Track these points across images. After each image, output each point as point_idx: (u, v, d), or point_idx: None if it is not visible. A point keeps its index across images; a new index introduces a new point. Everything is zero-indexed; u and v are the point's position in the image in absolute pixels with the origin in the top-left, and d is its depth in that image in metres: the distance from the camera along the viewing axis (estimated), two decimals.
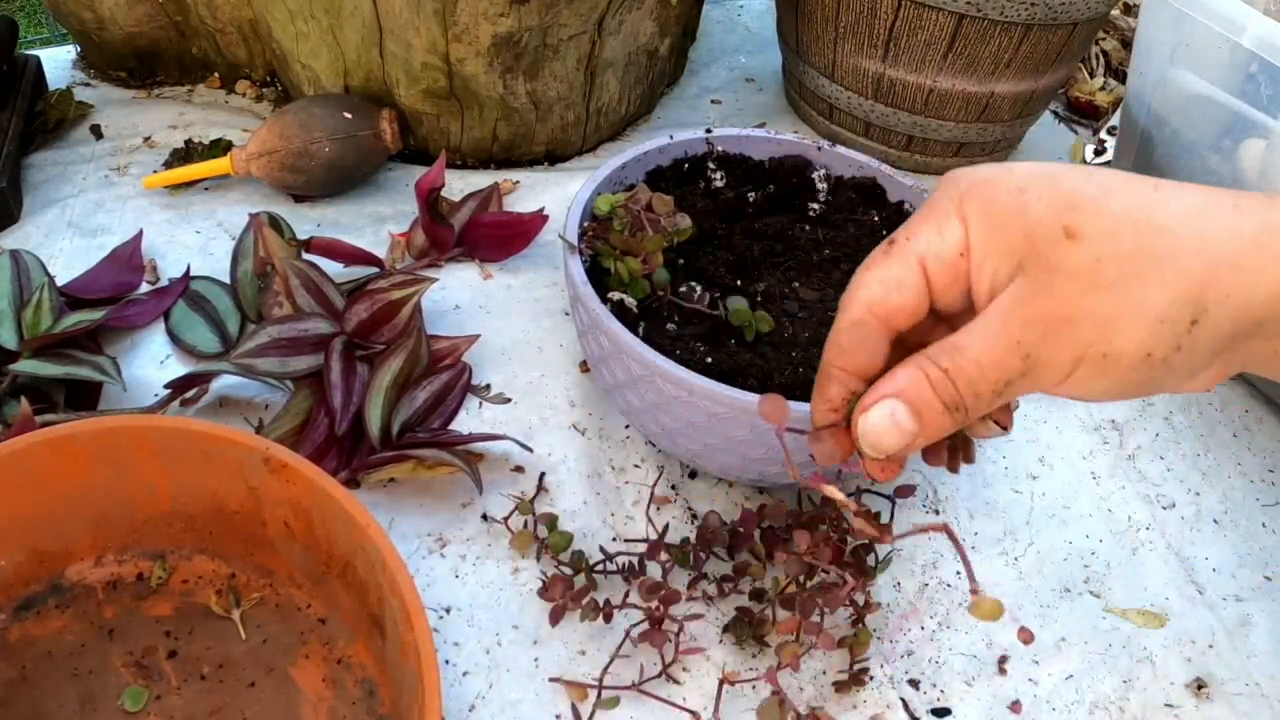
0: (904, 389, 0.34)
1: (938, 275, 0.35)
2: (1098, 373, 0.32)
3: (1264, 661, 0.58)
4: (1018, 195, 0.33)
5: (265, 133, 0.75)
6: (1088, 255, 0.31)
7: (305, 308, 0.64)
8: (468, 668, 0.52)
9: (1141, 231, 0.31)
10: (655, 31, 0.83)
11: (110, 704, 0.48)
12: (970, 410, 0.33)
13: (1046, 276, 0.32)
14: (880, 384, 0.34)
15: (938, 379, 0.33)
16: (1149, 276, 0.31)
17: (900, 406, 0.34)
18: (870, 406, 0.34)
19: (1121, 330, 0.31)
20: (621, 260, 0.58)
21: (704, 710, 0.51)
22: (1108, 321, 0.31)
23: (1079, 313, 0.31)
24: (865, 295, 0.35)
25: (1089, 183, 0.32)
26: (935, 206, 0.34)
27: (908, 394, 0.33)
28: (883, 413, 0.34)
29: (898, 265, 0.35)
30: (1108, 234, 0.31)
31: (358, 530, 0.46)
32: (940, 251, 0.34)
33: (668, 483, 0.62)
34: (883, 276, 0.35)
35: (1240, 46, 0.62)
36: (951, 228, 0.34)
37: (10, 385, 0.58)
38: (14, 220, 0.73)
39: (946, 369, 0.33)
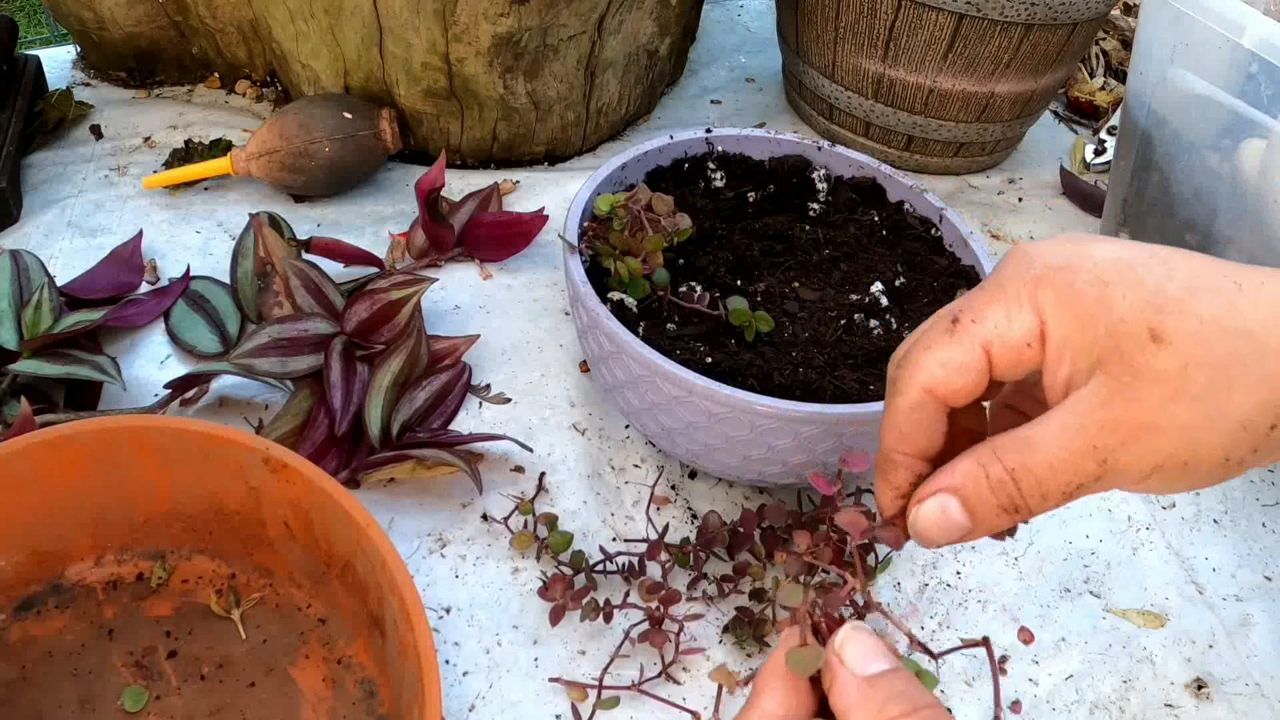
0: (960, 486, 0.32)
1: (1001, 358, 0.33)
2: (1175, 478, 0.32)
3: (1264, 661, 0.58)
4: (1100, 288, 0.31)
5: (265, 133, 0.75)
6: (1175, 361, 0.30)
7: (305, 308, 0.64)
8: (468, 668, 0.52)
9: (1228, 337, 0.31)
10: (655, 31, 0.83)
11: (110, 704, 0.48)
12: (1032, 511, 0.32)
13: (1130, 380, 0.31)
14: (938, 476, 0.33)
15: (997, 479, 0.32)
16: (1235, 385, 0.30)
17: (953, 503, 0.32)
18: (924, 499, 0.33)
19: (1204, 439, 0.31)
20: (621, 260, 0.58)
21: (704, 710, 0.51)
22: (1191, 430, 0.31)
23: (1163, 421, 0.31)
24: (925, 378, 0.34)
25: (1172, 280, 0.31)
26: (1005, 288, 0.33)
27: (963, 491, 0.32)
28: (934, 507, 0.33)
29: (961, 349, 0.33)
30: (1195, 339, 0.30)
31: (358, 530, 0.46)
32: (1007, 338, 0.33)
33: (668, 483, 0.62)
34: (944, 359, 0.33)
35: (1240, 46, 0.62)
36: (1023, 315, 0.32)
37: (10, 385, 0.58)
38: (14, 220, 0.73)
39: (1012, 469, 0.31)
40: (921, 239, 0.66)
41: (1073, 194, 0.92)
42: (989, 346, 0.33)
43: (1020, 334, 0.32)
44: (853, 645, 0.30)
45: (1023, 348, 0.32)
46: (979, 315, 0.33)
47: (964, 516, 0.32)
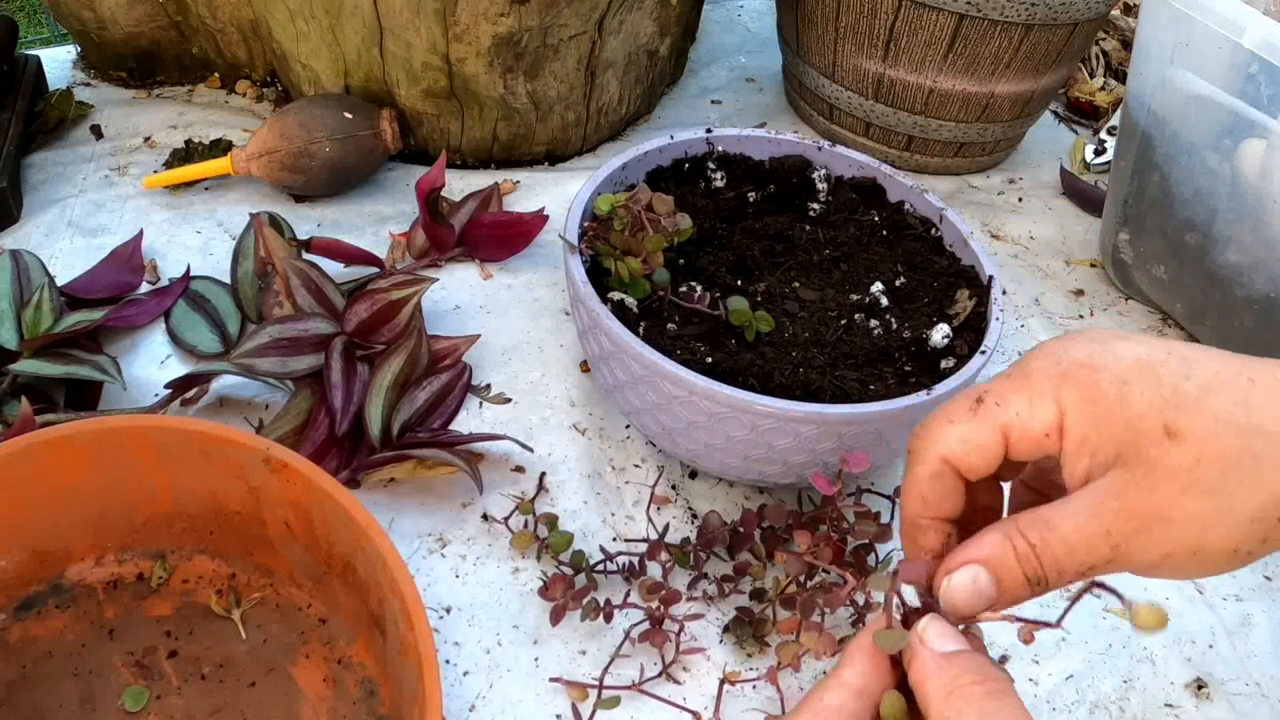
0: (989, 557, 0.34)
1: (1018, 443, 0.35)
2: (1185, 565, 0.33)
3: (1264, 661, 0.58)
4: (1120, 388, 0.33)
5: (265, 133, 0.75)
6: (1188, 456, 0.32)
7: (305, 308, 0.64)
8: (468, 667, 0.52)
9: (1241, 433, 0.32)
10: (655, 31, 0.83)
11: (110, 704, 0.48)
12: (1050, 585, 0.34)
13: (1145, 473, 0.32)
14: (967, 546, 0.35)
15: (1024, 552, 0.33)
16: (1246, 480, 0.32)
17: (983, 573, 0.34)
18: (955, 570, 0.35)
19: (1214, 531, 0.32)
20: (622, 260, 0.58)
21: (704, 710, 0.51)
22: (1202, 522, 0.32)
23: (1175, 512, 0.32)
24: (944, 450, 0.36)
25: (1190, 379, 0.33)
26: (1029, 379, 0.35)
27: (992, 562, 0.34)
28: (965, 577, 0.34)
29: (982, 429, 0.35)
30: (1209, 435, 0.32)
31: (358, 530, 0.46)
32: (1027, 425, 0.35)
33: (668, 483, 0.62)
34: (964, 436, 0.36)
35: (1240, 46, 0.62)
36: (1044, 406, 0.34)
37: (10, 385, 0.58)
38: (14, 220, 0.73)
39: (1034, 544, 0.33)
40: (922, 239, 0.66)
41: (1073, 194, 0.92)
42: (1008, 431, 0.35)
43: (1040, 425, 0.35)
44: (934, 628, 0.34)
45: (1040, 437, 0.35)
46: (1003, 399, 0.35)
47: (991, 586, 0.34)
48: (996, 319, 0.59)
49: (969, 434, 0.36)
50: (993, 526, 0.35)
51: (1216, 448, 0.32)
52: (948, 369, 0.58)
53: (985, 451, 0.36)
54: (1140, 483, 0.32)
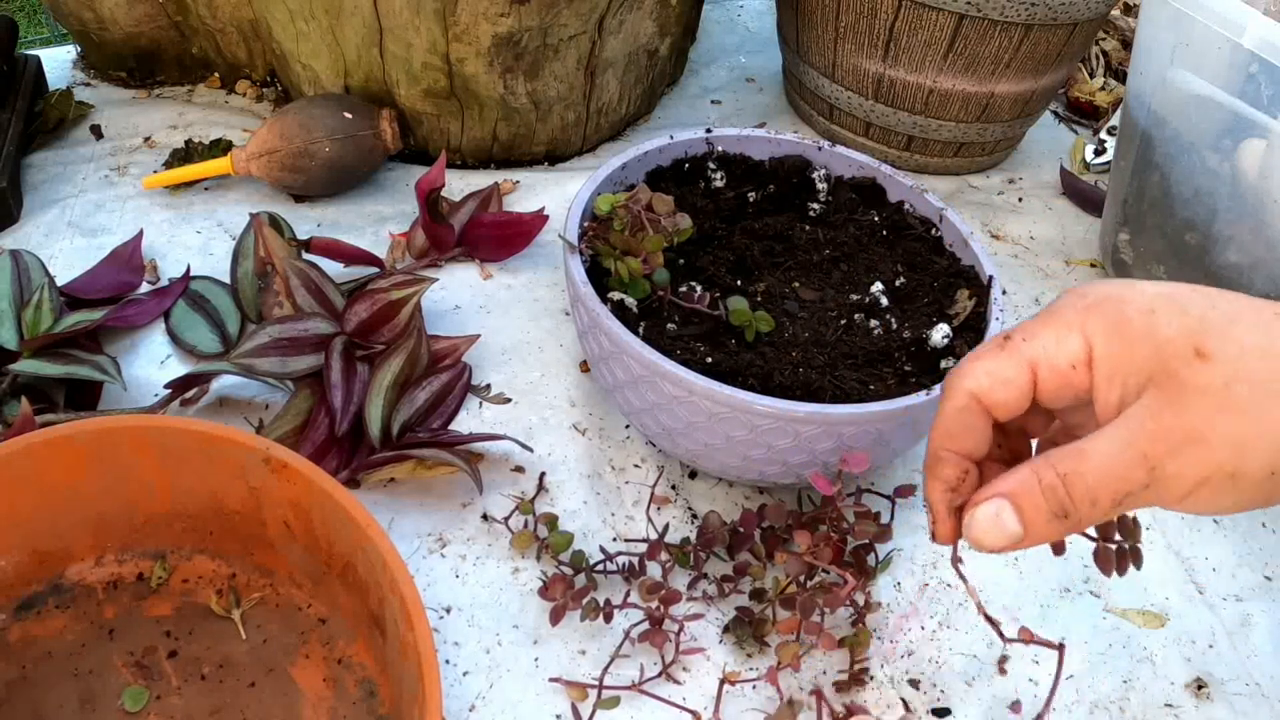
0: (1014, 491, 0.34)
1: (1047, 380, 0.35)
2: (1222, 491, 0.33)
3: (1264, 661, 0.58)
4: (1148, 316, 0.33)
5: (265, 133, 0.75)
6: (1219, 376, 0.32)
7: (305, 308, 0.64)
8: (468, 668, 0.52)
9: (1269, 357, 0.32)
10: (655, 31, 0.83)
11: (110, 704, 0.48)
12: (1082, 519, 0.34)
13: (1178, 393, 0.32)
14: (994, 482, 0.35)
15: (1049, 484, 0.33)
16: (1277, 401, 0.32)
17: (1007, 508, 0.34)
18: (980, 503, 0.35)
19: (1250, 452, 0.32)
20: (622, 260, 0.58)
21: (704, 710, 0.51)
22: (1238, 442, 0.32)
23: (1210, 432, 0.32)
24: (972, 384, 0.36)
25: (1215, 310, 0.33)
26: (1057, 314, 0.35)
27: (1017, 496, 0.34)
28: (988, 512, 0.34)
29: (1009, 363, 0.36)
30: (1238, 357, 0.32)
31: (358, 530, 0.46)
32: (1055, 360, 0.35)
33: (668, 483, 0.62)
34: (991, 370, 0.36)
35: (1240, 46, 0.62)
36: (1071, 339, 0.35)
37: (10, 385, 0.58)
38: (14, 220, 0.73)
39: (1065, 474, 0.33)
40: (922, 239, 0.66)
41: (1073, 194, 0.92)
42: (1036, 365, 0.35)
43: (1068, 356, 0.35)
44: None
45: (1068, 370, 0.35)
46: (1030, 334, 0.36)
47: (1016, 522, 0.34)
48: (996, 319, 0.59)
49: (996, 368, 0.36)
50: (1023, 464, 0.35)
51: (1247, 369, 0.32)
52: (948, 369, 0.58)
53: (1012, 386, 0.36)
54: (1174, 403, 0.32)
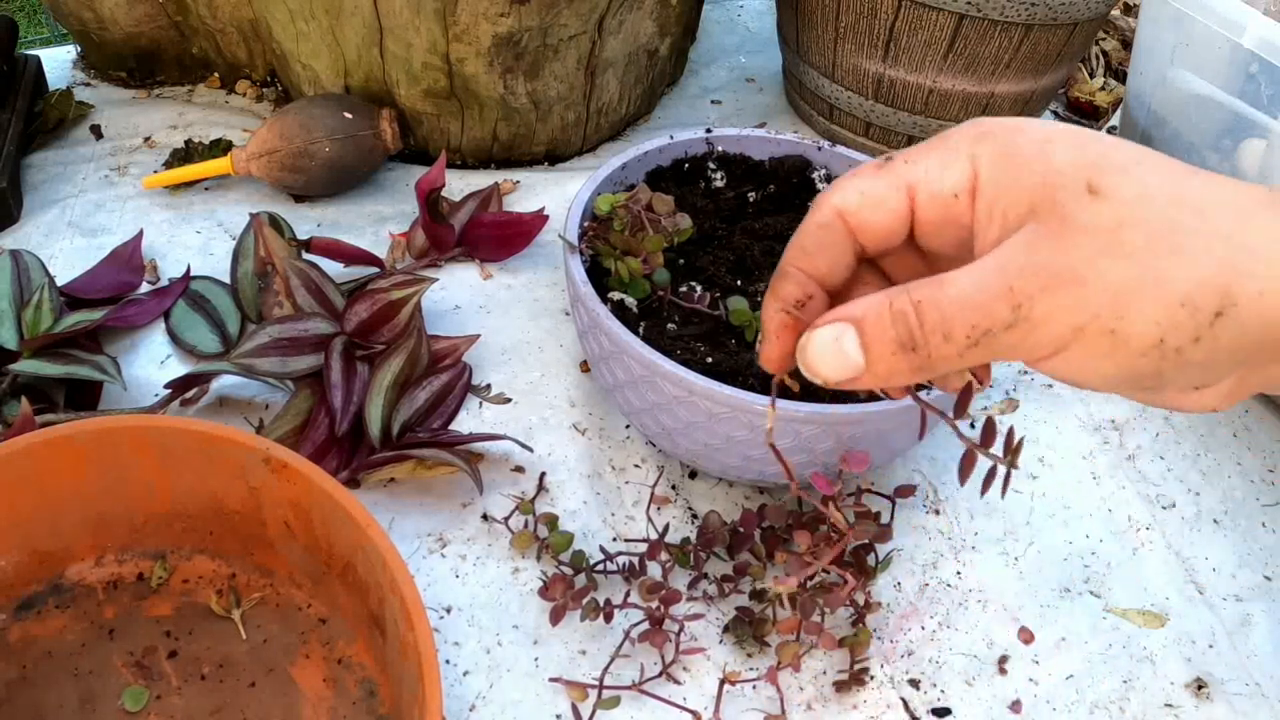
0: (859, 316, 0.30)
1: (926, 209, 0.32)
2: (1100, 352, 0.28)
3: (1264, 661, 0.58)
4: (1042, 144, 0.30)
5: (265, 133, 0.75)
6: (1110, 216, 0.28)
7: (305, 308, 0.64)
8: (468, 667, 0.52)
9: (1172, 205, 0.28)
10: (655, 31, 0.83)
11: (111, 704, 0.48)
12: (932, 355, 0.29)
13: (1060, 228, 0.28)
14: (842, 306, 0.31)
15: (900, 311, 0.29)
16: (1176, 254, 0.27)
17: (849, 332, 0.30)
18: (820, 326, 0.31)
19: (1136, 306, 0.27)
20: (622, 260, 0.58)
21: (704, 710, 0.51)
22: (1121, 293, 0.27)
23: (1090, 274, 0.27)
24: (839, 200, 0.32)
25: (1120, 151, 0.29)
26: (947, 139, 0.31)
27: (862, 321, 0.30)
28: (828, 335, 0.30)
29: (884, 183, 0.32)
30: (1136, 200, 0.28)
31: (358, 530, 0.46)
32: (937, 186, 0.31)
33: (668, 483, 0.62)
34: (864, 188, 0.32)
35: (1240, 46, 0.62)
36: (958, 165, 0.31)
37: (10, 385, 0.58)
38: (14, 220, 0.73)
39: (918, 301, 0.29)
40: None
41: None
42: (915, 190, 0.32)
43: (950, 183, 0.31)
44: None
45: (950, 198, 0.31)
46: (912, 158, 0.32)
47: (858, 351, 0.30)
48: None
49: (870, 187, 0.32)
50: (878, 292, 0.31)
51: (1144, 214, 0.28)
52: None
53: (885, 209, 0.32)
54: (1054, 238, 0.28)
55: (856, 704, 0.53)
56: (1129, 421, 0.71)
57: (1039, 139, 0.30)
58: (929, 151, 0.31)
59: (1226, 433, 0.71)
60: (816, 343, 0.31)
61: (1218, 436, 0.71)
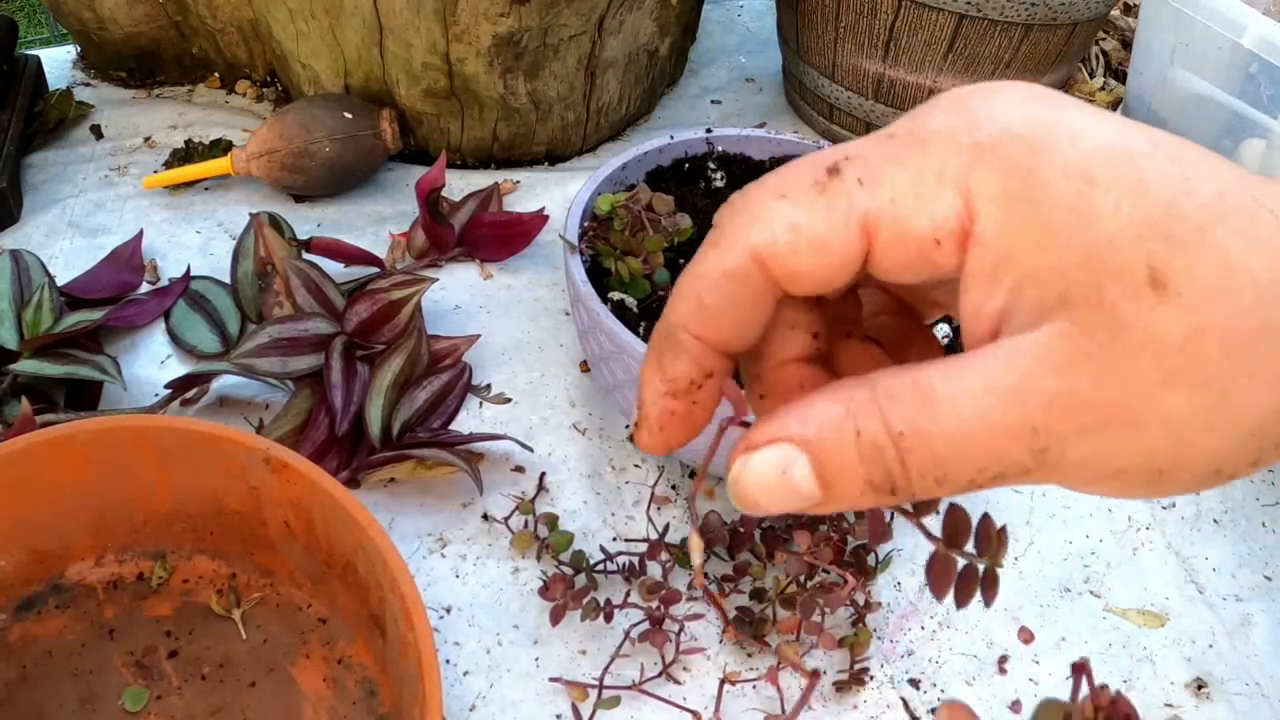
0: (814, 442, 0.21)
1: (889, 252, 0.22)
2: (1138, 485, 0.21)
3: (1264, 661, 0.58)
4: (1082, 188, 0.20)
5: (265, 133, 0.75)
6: (1181, 325, 0.19)
7: (306, 308, 0.64)
8: (468, 667, 0.52)
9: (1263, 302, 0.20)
10: (655, 31, 0.83)
11: (111, 704, 0.48)
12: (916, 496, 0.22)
13: (1108, 340, 0.20)
14: (782, 416, 0.22)
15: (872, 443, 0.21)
16: (1259, 373, 0.20)
17: (802, 463, 0.22)
18: (757, 448, 0.22)
19: (1198, 443, 0.20)
20: (622, 260, 0.58)
21: (705, 710, 0.51)
22: (1185, 432, 0.20)
23: (1148, 413, 0.20)
24: (760, 240, 0.22)
25: (1191, 197, 0.20)
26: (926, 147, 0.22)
27: (819, 450, 0.21)
28: (769, 464, 0.22)
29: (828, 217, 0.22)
30: (1214, 295, 0.20)
31: (358, 530, 0.46)
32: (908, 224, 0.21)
33: (668, 482, 0.62)
34: (797, 222, 0.22)
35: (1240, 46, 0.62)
36: (943, 197, 0.21)
37: (10, 385, 0.58)
38: (14, 220, 0.73)
39: (900, 433, 0.21)
40: None
41: None
42: (873, 228, 0.22)
43: (930, 225, 0.21)
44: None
45: (928, 245, 0.21)
46: (872, 175, 0.22)
47: (814, 485, 0.22)
48: None
49: (805, 220, 0.22)
50: (831, 388, 0.22)
51: (1224, 315, 0.19)
52: None
53: (826, 254, 0.22)
54: (1101, 357, 0.20)
55: (856, 704, 0.53)
56: None
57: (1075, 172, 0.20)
58: (896, 165, 0.22)
59: None
60: (754, 472, 0.22)
61: None
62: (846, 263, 0.22)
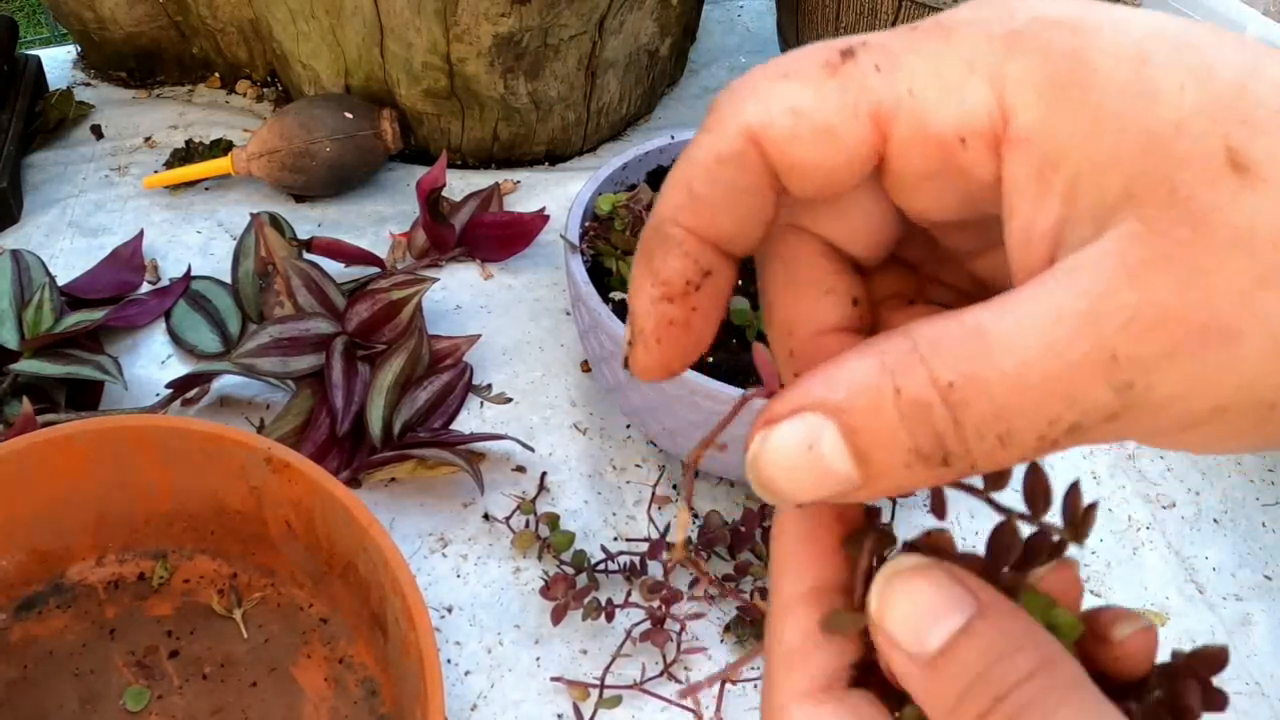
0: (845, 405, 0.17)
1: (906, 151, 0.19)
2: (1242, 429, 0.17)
3: (1264, 661, 0.58)
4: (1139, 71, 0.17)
5: (266, 133, 0.75)
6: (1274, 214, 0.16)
7: (306, 307, 0.64)
8: (469, 667, 0.52)
9: None
10: (656, 31, 0.83)
11: (112, 703, 0.48)
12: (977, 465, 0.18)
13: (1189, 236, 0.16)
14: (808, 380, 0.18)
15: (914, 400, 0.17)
16: None
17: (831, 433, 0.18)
18: (779, 419, 0.18)
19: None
20: (623, 260, 0.58)
21: (706, 709, 0.51)
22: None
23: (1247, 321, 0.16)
24: (756, 117, 0.19)
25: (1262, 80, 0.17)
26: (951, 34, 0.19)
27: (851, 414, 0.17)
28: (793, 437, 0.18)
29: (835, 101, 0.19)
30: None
31: (359, 530, 0.46)
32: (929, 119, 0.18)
33: (669, 482, 0.62)
34: (800, 105, 0.19)
35: None
36: (972, 91, 0.18)
37: (11, 385, 0.58)
38: (14, 220, 0.73)
39: (950, 383, 0.17)
40: None
41: None
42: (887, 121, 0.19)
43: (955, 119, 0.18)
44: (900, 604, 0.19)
45: (953, 144, 0.18)
46: (891, 62, 0.19)
47: (848, 462, 0.18)
48: None
49: (811, 103, 0.19)
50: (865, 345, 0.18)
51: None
52: None
53: (832, 144, 0.19)
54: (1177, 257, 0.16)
55: None
56: None
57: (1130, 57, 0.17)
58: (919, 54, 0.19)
59: None
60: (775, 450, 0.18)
61: None
62: (854, 159, 0.19)
